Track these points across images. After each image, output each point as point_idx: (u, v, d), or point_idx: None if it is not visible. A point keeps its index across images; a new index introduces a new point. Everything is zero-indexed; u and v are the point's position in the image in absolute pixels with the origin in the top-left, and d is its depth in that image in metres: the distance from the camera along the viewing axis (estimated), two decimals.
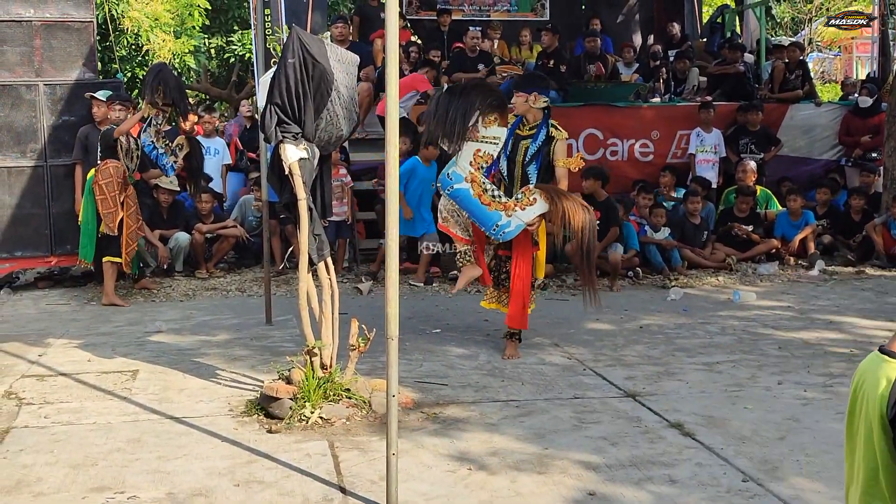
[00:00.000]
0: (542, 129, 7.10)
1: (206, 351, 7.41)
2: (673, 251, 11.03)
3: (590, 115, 12.50)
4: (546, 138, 7.08)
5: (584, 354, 7.32)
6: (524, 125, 7.18)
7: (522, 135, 7.16)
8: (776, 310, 9.05)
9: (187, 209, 11.26)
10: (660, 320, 8.59)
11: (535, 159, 7.06)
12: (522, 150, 7.11)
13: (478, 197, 6.72)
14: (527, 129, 7.15)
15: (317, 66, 5.60)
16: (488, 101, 6.69)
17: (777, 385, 6.45)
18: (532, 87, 7.19)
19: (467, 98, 6.59)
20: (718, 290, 10.17)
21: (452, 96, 6.62)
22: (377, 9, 13.90)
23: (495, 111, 6.74)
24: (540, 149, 7.06)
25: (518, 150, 7.13)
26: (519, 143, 7.14)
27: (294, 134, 5.68)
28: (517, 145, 7.14)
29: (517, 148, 7.14)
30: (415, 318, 8.54)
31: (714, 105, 12.70)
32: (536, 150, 7.06)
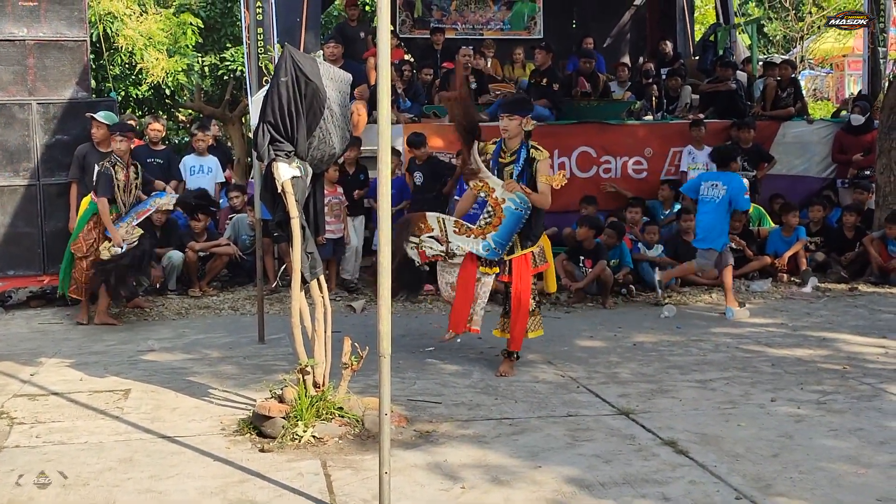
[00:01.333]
0: (523, 151, 7.19)
1: (198, 370, 7.39)
2: (666, 269, 11.03)
3: (583, 133, 12.54)
4: (528, 159, 7.17)
5: (577, 372, 7.31)
6: (505, 152, 7.25)
7: (505, 161, 7.22)
8: (769, 327, 9.06)
9: (181, 228, 11.26)
10: (653, 338, 8.59)
11: (521, 180, 7.16)
12: (508, 176, 7.18)
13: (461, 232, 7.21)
14: (508, 156, 7.23)
15: (309, 85, 5.62)
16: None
17: (770, 402, 6.45)
18: (524, 110, 7.29)
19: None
20: (712, 307, 10.18)
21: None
22: (356, 29, 13.93)
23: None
24: (524, 170, 7.15)
25: (504, 176, 7.20)
26: (503, 170, 7.21)
27: (287, 152, 5.69)
28: (502, 173, 7.21)
29: (503, 176, 7.20)
30: (408, 336, 8.54)
31: (706, 122, 12.75)
32: (521, 171, 7.15)
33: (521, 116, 7.18)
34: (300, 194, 5.78)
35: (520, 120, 7.17)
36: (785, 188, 13.06)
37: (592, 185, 12.29)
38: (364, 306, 9.96)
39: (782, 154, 13.05)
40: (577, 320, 9.48)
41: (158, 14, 16.83)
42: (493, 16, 16.48)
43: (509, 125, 7.17)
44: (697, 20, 21.84)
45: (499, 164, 7.23)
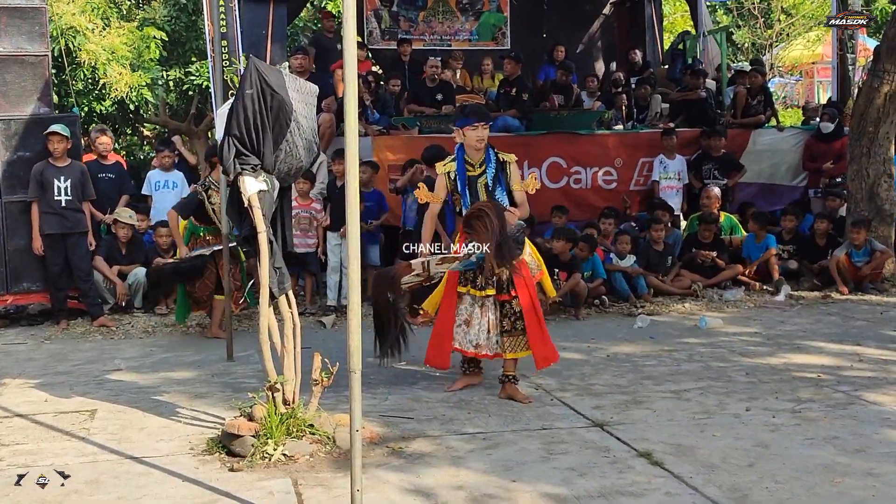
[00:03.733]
0: (491, 156, 6.96)
1: (166, 389, 7.33)
2: (639, 279, 11.08)
3: (553, 144, 12.59)
4: (499, 163, 6.98)
5: (551, 384, 7.31)
6: (471, 164, 6.97)
7: (475, 173, 6.96)
8: (743, 336, 9.10)
9: (146, 244, 11.18)
10: (627, 348, 8.61)
11: (498, 184, 6.96)
12: (482, 186, 6.93)
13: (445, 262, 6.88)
14: (477, 167, 6.96)
15: (275, 97, 5.60)
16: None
17: (745, 411, 6.47)
18: (487, 118, 7.08)
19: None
20: (685, 316, 10.22)
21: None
22: (333, 40, 13.96)
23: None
24: (497, 175, 6.95)
25: (478, 189, 6.94)
26: (476, 182, 6.95)
27: (253, 166, 5.66)
28: (475, 186, 6.95)
29: (475, 188, 6.95)
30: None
31: (676, 131, 12.82)
32: (495, 176, 6.93)
33: (489, 123, 7.08)
34: (267, 208, 5.75)
35: (487, 127, 6.98)
36: (756, 196, 13.16)
37: (562, 196, 12.33)
38: (335, 321, 9.93)
39: (753, 162, 13.15)
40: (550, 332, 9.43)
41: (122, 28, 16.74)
42: (461, 27, 16.52)
43: (484, 135, 6.93)
44: (666, 28, 22.01)
45: (467, 178, 6.95)
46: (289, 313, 5.89)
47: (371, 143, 11.91)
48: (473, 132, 6.90)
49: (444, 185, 7.05)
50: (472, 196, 6.94)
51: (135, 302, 10.78)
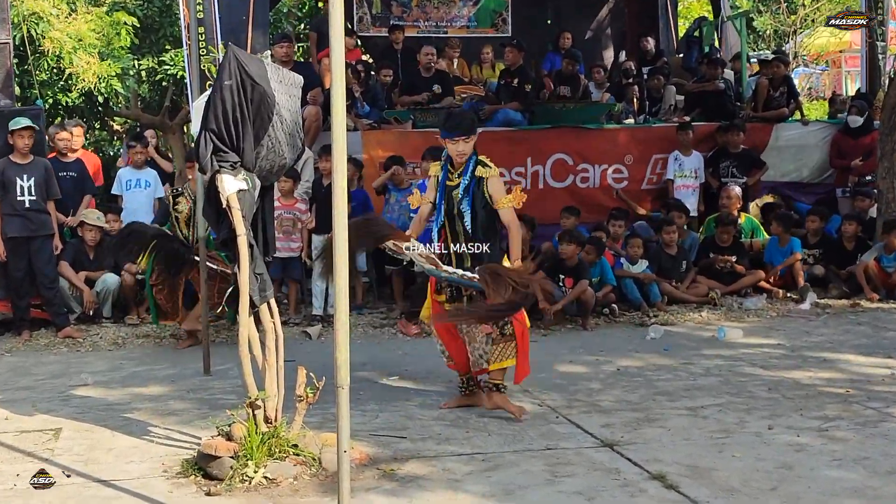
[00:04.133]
0: (469, 167, 6.88)
1: (137, 405, 7.33)
2: (651, 286, 11.09)
3: (558, 139, 12.60)
4: (472, 178, 6.85)
5: (556, 400, 7.31)
6: (452, 172, 6.95)
7: (452, 183, 6.93)
8: (765, 347, 9.11)
9: None
10: (638, 361, 8.61)
11: (466, 197, 6.86)
12: (455, 200, 6.89)
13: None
14: (455, 176, 6.93)
15: (256, 89, 5.60)
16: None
17: (767, 430, 6.47)
18: (474, 128, 7.00)
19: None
20: (702, 327, 10.23)
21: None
22: None
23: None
24: (470, 187, 6.84)
25: (452, 202, 6.91)
26: (450, 194, 6.91)
27: (232, 163, 5.66)
28: (450, 197, 6.92)
29: (451, 200, 6.91)
30: (369, 365, 8.50)
31: (693, 126, 12.83)
32: (466, 187, 6.84)
33: (473, 136, 6.93)
34: (247, 209, 5.75)
35: (473, 140, 6.91)
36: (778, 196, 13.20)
37: (568, 196, 12.34)
38: (321, 332, 9.92)
39: (775, 159, 13.17)
40: (555, 344, 9.49)
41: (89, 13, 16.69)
42: (459, 12, 16.53)
43: (465, 149, 6.86)
44: (681, 14, 22.04)
45: (446, 187, 6.94)
46: (271, 323, 5.88)
47: (360, 139, 11.92)
48: (454, 146, 6.87)
49: (433, 186, 7.10)
50: (446, 204, 6.94)
51: (103, 311, 10.77)
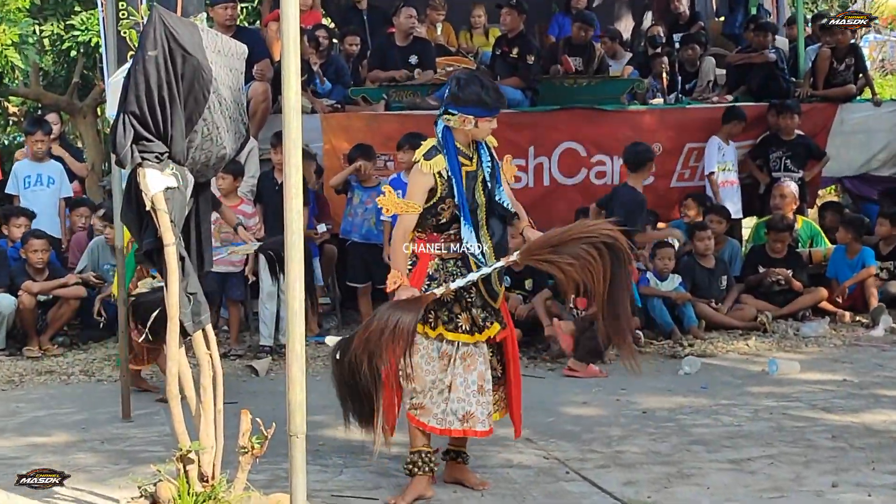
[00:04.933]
0: (482, 147, 6.72)
1: (38, 459, 7.29)
2: (685, 307, 11.11)
3: (568, 124, 12.63)
4: (491, 150, 6.78)
5: (567, 452, 7.31)
6: (466, 157, 6.65)
7: (472, 168, 6.65)
8: (828, 385, 9.14)
9: (12, 263, 11.13)
10: (669, 402, 8.62)
11: (497, 181, 6.70)
12: (480, 186, 6.64)
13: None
14: (470, 158, 6.67)
15: (188, 61, 5.59)
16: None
17: (831, 488, 6.49)
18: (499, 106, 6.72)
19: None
20: (748, 358, 10.25)
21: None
22: None
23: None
24: (495, 167, 6.72)
25: (476, 191, 6.64)
26: (473, 180, 6.63)
27: (157, 154, 5.64)
28: (472, 186, 6.63)
29: (473, 189, 6.63)
30: (331, 407, 8.45)
31: (744, 113, 12.79)
32: (491, 171, 6.68)
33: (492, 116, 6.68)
34: (177, 212, 5.74)
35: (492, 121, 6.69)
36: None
37: (580, 195, 12.33)
38: (270, 367, 9.91)
39: (840, 148, 13.22)
40: (566, 380, 9.50)
41: None
42: None
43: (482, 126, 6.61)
44: None
45: (464, 175, 6.60)
46: (207, 356, 5.87)
47: (320, 124, 11.92)
48: (489, 123, 6.61)
49: (424, 189, 6.58)
50: (471, 201, 6.59)
51: None
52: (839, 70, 13.65)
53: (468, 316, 6.47)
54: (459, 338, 6.45)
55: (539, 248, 6.41)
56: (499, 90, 6.75)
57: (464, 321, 6.46)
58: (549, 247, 6.36)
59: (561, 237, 6.37)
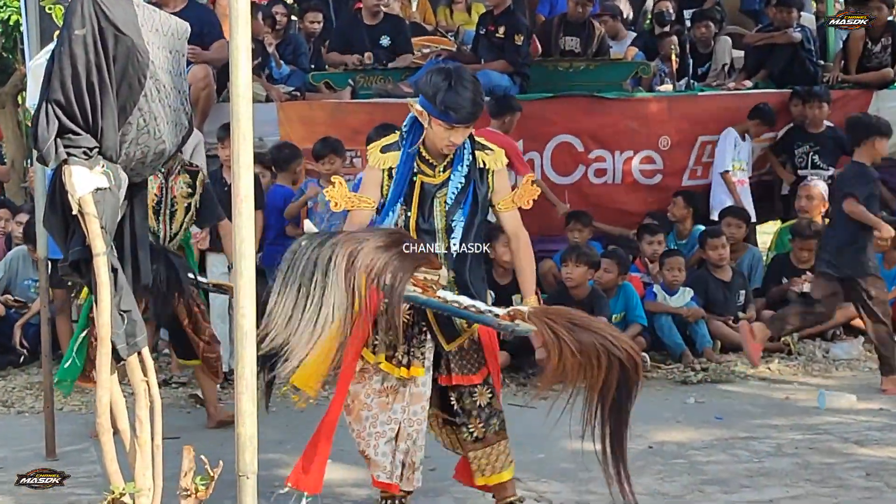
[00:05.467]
0: (463, 155, 6.52)
1: None
2: (698, 325, 11.11)
3: (562, 114, 12.66)
4: (474, 167, 6.53)
5: (560, 493, 7.34)
6: (428, 164, 6.53)
7: (435, 181, 6.52)
8: (861, 414, 9.17)
9: None
10: (679, 435, 8.64)
11: (463, 204, 6.52)
12: (440, 204, 6.51)
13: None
14: (438, 171, 6.53)
15: (121, 41, 5.56)
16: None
17: None
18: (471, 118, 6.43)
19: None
20: (770, 385, 10.27)
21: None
22: None
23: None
24: (470, 187, 6.50)
25: (434, 206, 6.52)
26: (432, 195, 6.50)
27: (86, 149, 5.61)
28: (428, 200, 6.51)
29: (428, 203, 6.51)
30: (289, 443, 8.47)
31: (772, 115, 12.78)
32: (463, 189, 6.50)
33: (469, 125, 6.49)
34: (109, 217, 5.71)
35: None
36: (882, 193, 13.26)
37: (577, 196, 12.35)
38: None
39: None
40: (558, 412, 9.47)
41: None
42: None
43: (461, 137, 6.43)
44: None
45: (418, 185, 6.51)
46: (143, 384, 5.83)
47: (276, 114, 11.91)
48: (447, 132, 6.38)
49: (375, 184, 6.58)
50: (420, 215, 6.50)
51: None
52: (874, 51, 13.70)
53: (406, 347, 6.49)
54: (391, 370, 6.48)
55: (557, 316, 6.25)
56: (473, 99, 6.35)
57: (401, 351, 6.48)
58: (567, 320, 6.20)
59: (583, 321, 6.25)
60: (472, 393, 6.59)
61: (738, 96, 13.14)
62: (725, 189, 12.62)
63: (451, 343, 6.52)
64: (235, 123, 4.31)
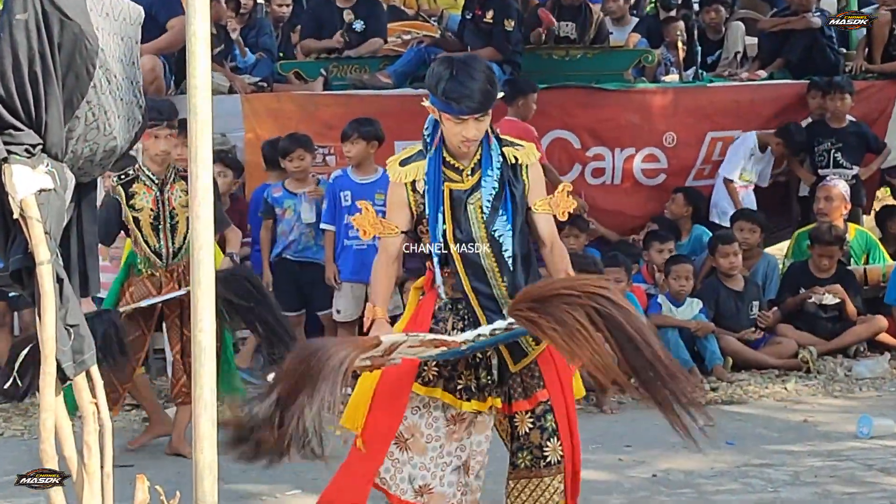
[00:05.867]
0: (491, 155, 6.39)
1: None
2: (708, 340, 11.12)
3: (557, 107, 12.66)
4: (509, 167, 6.40)
5: None
6: (456, 169, 6.40)
7: (464, 186, 6.40)
8: (887, 439, 9.17)
9: None
10: (686, 461, 8.62)
11: (501, 211, 6.38)
12: (476, 211, 6.37)
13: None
14: (466, 175, 6.39)
15: (67, 27, 5.56)
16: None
17: None
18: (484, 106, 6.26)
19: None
20: (787, 406, 10.28)
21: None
22: None
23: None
24: (505, 190, 6.37)
25: (469, 215, 6.38)
26: (464, 202, 6.38)
27: (28, 146, 5.61)
28: (461, 209, 6.38)
29: (462, 212, 6.38)
30: (251, 471, 8.43)
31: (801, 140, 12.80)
32: (498, 194, 6.36)
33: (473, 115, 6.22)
34: (54, 221, 5.70)
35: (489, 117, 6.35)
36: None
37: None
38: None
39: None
40: None
41: None
42: None
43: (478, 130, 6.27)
44: None
45: (449, 193, 6.39)
46: (91, 406, 5.83)
47: (241, 107, 11.89)
48: (458, 127, 6.27)
49: (400, 204, 6.49)
50: (455, 226, 6.36)
51: None
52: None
53: (472, 375, 6.36)
54: (453, 402, 6.36)
55: (520, 302, 6.01)
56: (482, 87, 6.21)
57: (465, 380, 6.35)
58: (529, 301, 5.94)
59: (541, 291, 5.99)
60: (523, 416, 6.46)
61: (751, 88, 13.19)
62: (727, 195, 12.63)
63: (518, 364, 6.39)
64: (192, 118, 4.31)
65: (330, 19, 13.14)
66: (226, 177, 11.16)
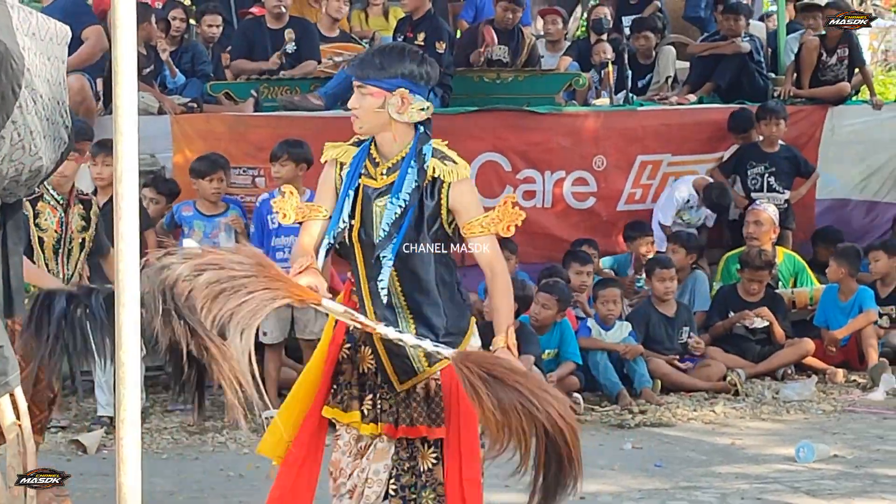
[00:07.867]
0: (411, 163, 5.98)
1: None
2: (637, 363, 11.13)
3: (488, 129, 12.66)
4: (425, 179, 5.96)
5: None
6: (377, 164, 6.04)
7: (378, 185, 6.01)
8: (815, 462, 9.18)
9: None
10: (614, 486, 8.65)
11: (400, 227, 5.97)
12: (378, 213, 6.01)
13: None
14: (383, 172, 6.02)
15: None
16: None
17: None
18: (400, 74, 5.97)
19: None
20: (715, 429, 10.30)
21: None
22: None
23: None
24: (413, 205, 5.95)
25: (372, 214, 6.03)
26: (371, 200, 6.02)
27: None
28: (368, 206, 6.04)
29: (368, 210, 6.04)
30: (181, 493, 8.41)
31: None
32: (402, 211, 5.95)
33: (385, 90, 5.93)
34: None
35: (383, 96, 5.94)
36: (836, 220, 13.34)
37: None
38: (103, 442, 9.81)
39: (832, 162, 13.36)
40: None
41: None
42: None
43: (363, 105, 5.98)
44: None
45: (359, 188, 6.05)
46: (15, 428, 5.80)
47: (170, 129, 11.83)
48: (364, 100, 6.01)
49: (329, 184, 6.15)
50: (362, 224, 6.02)
51: None
52: (829, 64, 13.83)
53: (372, 397, 6.08)
54: (360, 427, 6.08)
55: (474, 364, 5.63)
56: (366, 53, 6.31)
57: (367, 401, 6.08)
58: (485, 371, 5.57)
59: (502, 373, 5.59)
60: (416, 446, 6.14)
61: (680, 111, 13.26)
62: (662, 233, 12.68)
63: (405, 384, 6.07)
64: (118, 138, 4.27)
65: (261, 40, 13.12)
66: (157, 203, 11.06)
